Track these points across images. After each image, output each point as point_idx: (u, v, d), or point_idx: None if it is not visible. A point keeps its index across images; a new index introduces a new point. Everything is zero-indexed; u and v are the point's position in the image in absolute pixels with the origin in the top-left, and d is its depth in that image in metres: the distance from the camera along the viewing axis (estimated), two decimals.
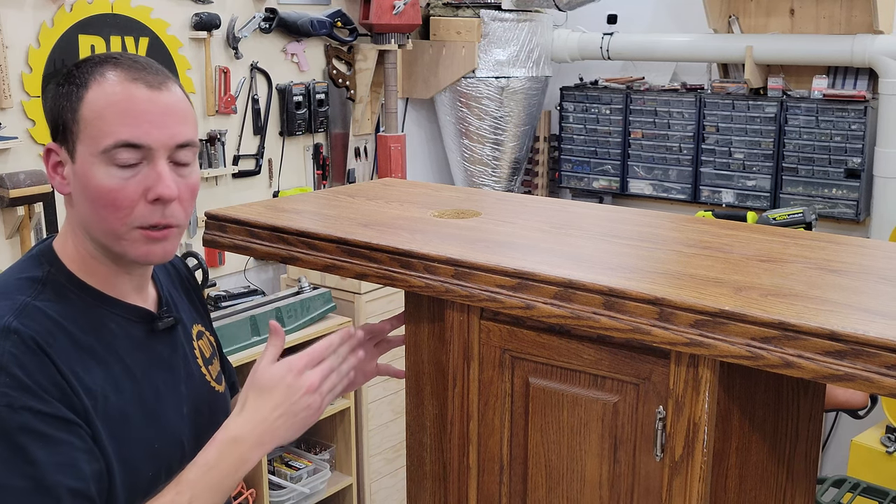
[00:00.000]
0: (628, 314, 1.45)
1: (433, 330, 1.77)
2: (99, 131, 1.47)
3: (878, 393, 1.26)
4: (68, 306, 1.51)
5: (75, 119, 1.49)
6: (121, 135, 1.47)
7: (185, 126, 1.53)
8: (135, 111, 1.48)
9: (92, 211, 1.51)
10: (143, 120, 1.48)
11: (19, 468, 1.36)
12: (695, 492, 1.48)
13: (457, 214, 1.95)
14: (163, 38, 3.99)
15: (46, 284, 1.52)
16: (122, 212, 1.49)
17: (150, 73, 1.52)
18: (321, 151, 4.79)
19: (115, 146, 1.47)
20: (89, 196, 1.50)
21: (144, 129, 1.48)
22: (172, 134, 1.51)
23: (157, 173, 1.49)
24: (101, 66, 1.51)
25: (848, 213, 4.57)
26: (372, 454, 4.55)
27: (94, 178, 1.48)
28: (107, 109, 1.47)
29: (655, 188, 5.16)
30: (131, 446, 1.51)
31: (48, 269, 1.55)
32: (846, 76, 4.66)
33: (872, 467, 4.09)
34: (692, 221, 1.96)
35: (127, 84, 1.49)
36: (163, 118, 1.50)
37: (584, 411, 1.60)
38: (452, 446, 1.76)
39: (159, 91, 1.51)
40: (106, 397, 1.49)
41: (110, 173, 1.47)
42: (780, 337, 1.32)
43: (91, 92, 1.49)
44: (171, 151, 1.51)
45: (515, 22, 5.06)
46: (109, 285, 1.57)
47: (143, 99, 1.49)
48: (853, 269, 1.59)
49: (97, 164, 1.47)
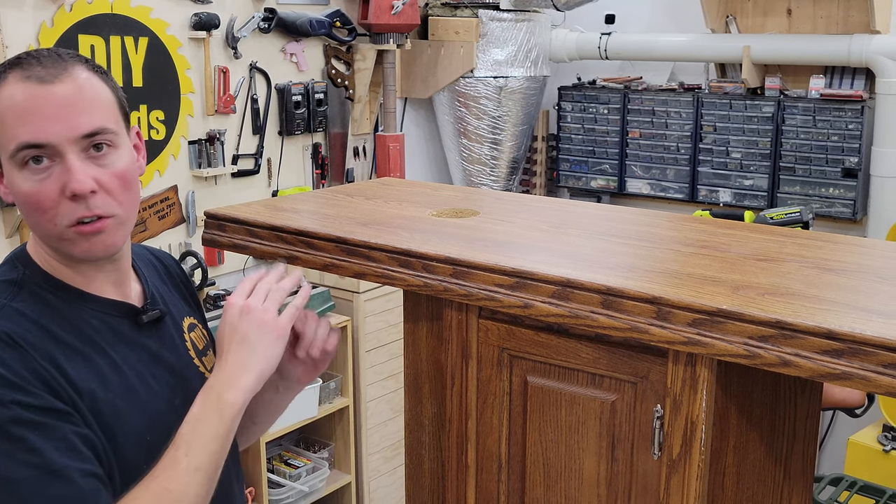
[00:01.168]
0: (626, 313, 1.45)
1: (432, 329, 1.78)
2: (4, 137, 1.44)
3: (875, 391, 1.27)
4: (46, 306, 1.50)
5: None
6: (21, 136, 1.42)
7: (87, 115, 1.46)
8: (28, 110, 1.43)
9: (26, 217, 1.49)
10: (38, 116, 1.43)
11: (22, 459, 1.36)
12: (692, 490, 1.49)
13: (455, 214, 1.95)
14: (162, 38, 3.99)
15: (23, 286, 1.51)
16: (47, 214, 1.45)
17: (45, 66, 1.45)
18: (320, 151, 4.79)
19: (18, 149, 1.43)
20: (19, 203, 1.48)
21: (41, 126, 1.42)
22: (73, 126, 1.44)
23: (66, 169, 1.44)
24: (4, 70, 1.47)
25: (845, 212, 4.57)
26: (371, 452, 4.56)
27: (15, 184, 1.46)
28: (6, 113, 1.43)
29: (653, 187, 5.17)
30: (123, 440, 1.50)
31: (23, 271, 1.53)
32: (843, 76, 4.67)
33: (869, 466, 4.10)
34: (690, 221, 1.96)
35: (20, 84, 1.44)
36: (58, 112, 1.44)
37: (582, 410, 1.60)
38: (451, 445, 1.77)
39: (52, 84, 1.44)
40: (92, 392, 1.47)
41: (25, 177, 1.44)
42: (777, 336, 1.32)
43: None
44: (80, 143, 1.46)
45: (514, 22, 5.07)
46: (84, 283, 1.56)
47: (36, 95, 1.43)
48: (850, 268, 1.59)
49: (14, 170, 1.45)
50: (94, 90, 1.49)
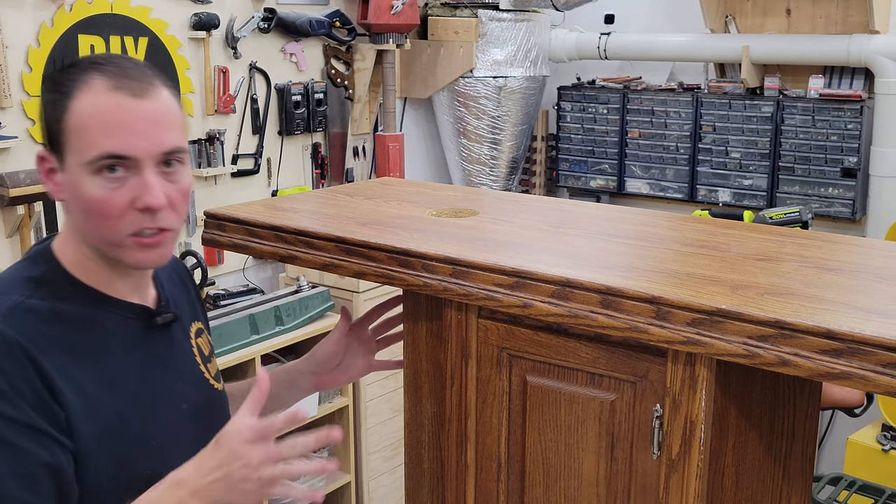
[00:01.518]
0: (625, 313, 1.45)
1: (431, 328, 1.78)
2: (84, 142, 1.45)
3: (874, 391, 1.27)
4: (63, 304, 1.51)
5: (61, 129, 1.48)
6: (105, 146, 1.45)
7: (170, 133, 1.50)
8: (119, 121, 1.46)
9: (84, 219, 1.50)
10: (127, 130, 1.46)
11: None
12: (692, 490, 1.49)
13: (455, 213, 1.95)
14: (162, 38, 3.99)
15: (42, 283, 1.52)
16: (111, 221, 1.47)
17: (134, 79, 1.49)
18: (320, 151, 4.80)
19: (100, 158, 1.45)
20: (80, 206, 1.49)
21: (129, 140, 1.46)
22: (158, 142, 1.48)
23: (144, 183, 1.47)
24: (85, 73, 1.49)
25: (844, 212, 4.58)
26: (370, 452, 4.56)
27: (83, 188, 1.47)
28: (90, 120, 1.46)
29: (652, 187, 5.17)
30: (126, 443, 1.51)
31: (45, 268, 1.54)
32: (842, 76, 4.67)
33: (868, 465, 4.10)
34: (689, 220, 1.97)
35: (110, 93, 1.46)
36: (147, 127, 1.47)
37: (582, 409, 1.60)
38: (450, 444, 1.77)
39: (143, 99, 1.48)
40: (98, 395, 1.48)
41: (98, 184, 1.46)
42: (776, 335, 1.32)
43: (76, 101, 1.47)
44: (158, 159, 1.49)
45: (513, 22, 5.07)
46: (107, 285, 1.56)
47: (127, 108, 1.46)
48: (849, 267, 1.59)
49: (85, 174, 1.46)
50: (175, 110, 1.54)
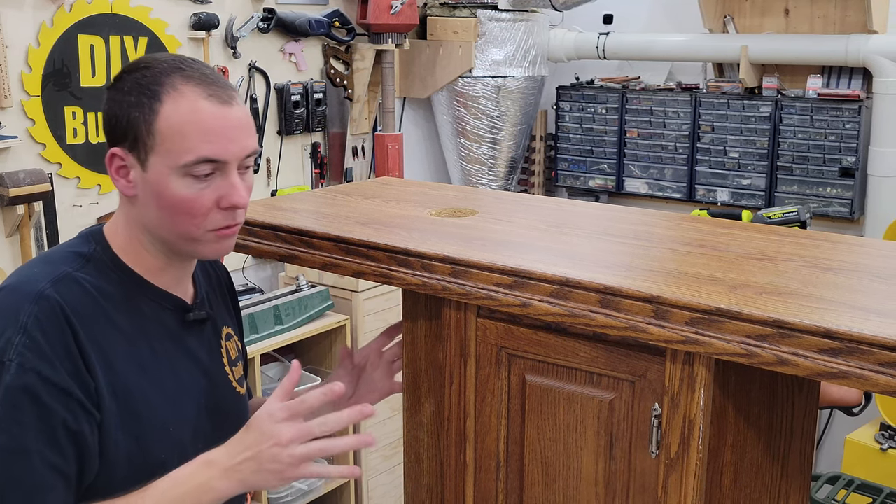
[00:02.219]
0: (624, 312, 1.46)
1: (430, 328, 1.78)
2: (178, 146, 1.53)
3: (873, 390, 1.28)
4: (107, 284, 1.58)
5: (150, 131, 1.54)
6: (201, 151, 1.53)
7: (251, 138, 1.61)
8: (213, 128, 1.54)
9: (165, 216, 1.57)
10: (220, 136, 1.55)
11: (7, 426, 1.43)
12: (690, 488, 1.49)
13: (454, 213, 1.96)
14: (161, 38, 3.99)
15: (90, 261, 1.59)
16: (197, 219, 1.56)
17: (219, 86, 1.58)
18: (319, 150, 4.80)
19: (196, 162, 1.53)
20: (164, 204, 1.56)
21: (223, 146, 1.55)
22: (244, 147, 1.58)
23: (230, 184, 1.57)
24: (170, 77, 1.56)
25: (842, 211, 4.58)
26: (369, 451, 4.55)
27: (170, 188, 1.54)
28: (187, 126, 1.53)
29: (651, 187, 5.17)
30: (147, 425, 1.56)
31: (95, 247, 1.61)
32: (840, 76, 4.68)
33: (867, 464, 4.11)
34: (687, 220, 1.97)
35: (204, 101, 1.55)
36: (236, 133, 1.57)
37: (581, 408, 1.61)
38: (449, 443, 1.77)
39: (230, 106, 1.57)
40: (127, 375, 1.54)
41: (187, 184, 1.54)
42: (774, 335, 1.33)
43: (166, 106, 1.53)
44: (242, 162, 1.59)
45: (512, 22, 5.07)
46: (151, 273, 1.64)
47: (220, 115, 1.55)
48: (847, 267, 1.60)
49: (174, 174, 1.54)
50: (250, 115, 1.67)
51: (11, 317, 1.47)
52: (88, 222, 3.82)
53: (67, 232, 3.74)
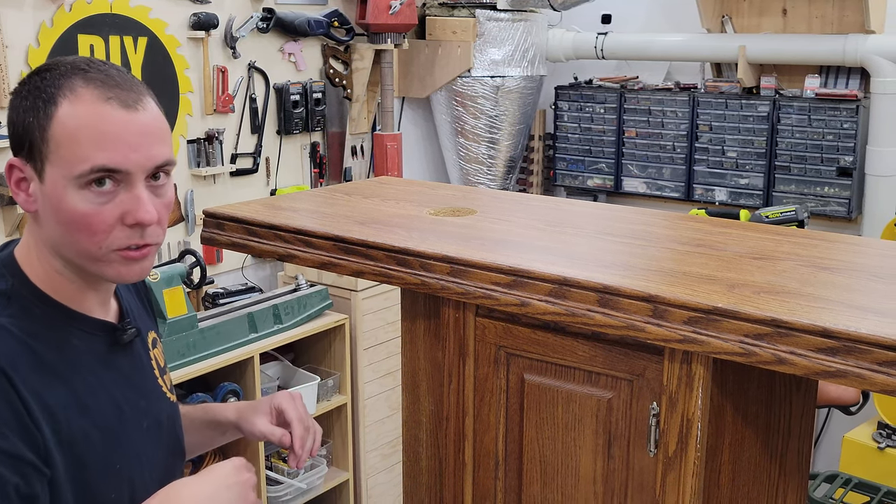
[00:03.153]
0: (622, 311, 1.46)
1: (429, 327, 1.78)
2: (72, 155, 1.37)
3: (870, 389, 1.28)
4: (33, 322, 1.43)
5: (44, 138, 1.39)
6: (97, 160, 1.37)
7: (162, 146, 1.44)
8: (111, 134, 1.38)
9: (64, 233, 1.42)
10: (120, 143, 1.38)
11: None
12: (688, 487, 1.49)
13: (452, 212, 1.96)
14: (161, 38, 4.00)
15: (11, 298, 1.43)
16: (98, 236, 1.40)
17: (123, 89, 1.41)
18: (318, 150, 4.80)
19: (92, 171, 1.37)
20: (62, 219, 1.40)
21: (122, 154, 1.39)
22: (150, 156, 1.41)
23: (135, 197, 1.41)
24: (69, 79, 1.40)
25: (840, 211, 4.59)
26: (368, 450, 4.56)
27: (67, 201, 1.39)
28: (81, 132, 1.37)
29: (649, 186, 5.18)
30: (93, 469, 1.46)
31: (12, 281, 1.46)
32: (838, 75, 4.68)
33: (864, 463, 4.11)
34: (686, 219, 1.97)
35: (101, 104, 1.39)
36: (140, 140, 1.40)
37: (579, 407, 1.61)
38: (448, 442, 1.77)
39: (135, 111, 1.41)
40: (68, 419, 1.42)
41: (85, 198, 1.38)
42: (772, 334, 1.33)
43: (61, 109, 1.38)
44: (149, 173, 1.42)
45: (510, 22, 5.08)
46: (74, 300, 1.49)
47: (119, 121, 1.39)
48: (845, 266, 1.60)
49: (70, 187, 1.38)
50: (164, 121, 1.47)
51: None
52: None
53: None
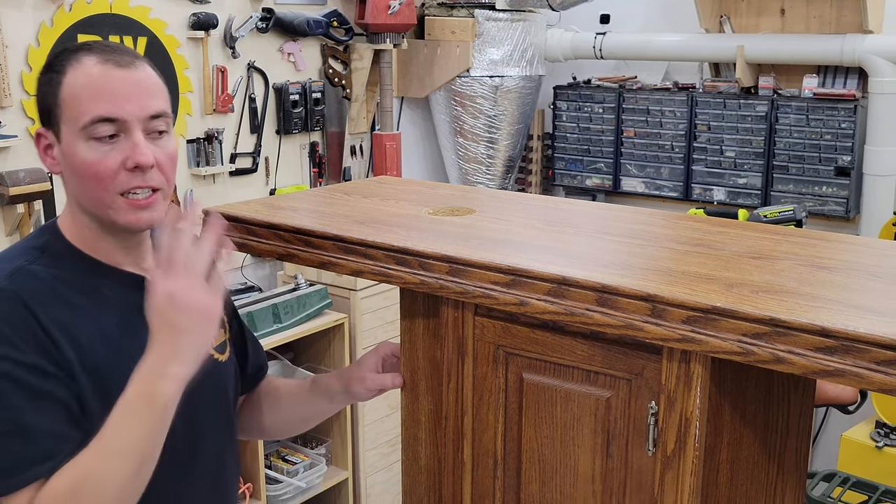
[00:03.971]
0: (621, 311, 1.46)
1: (428, 326, 1.79)
2: (77, 111, 1.57)
3: (868, 388, 1.28)
4: (63, 270, 1.61)
5: (56, 102, 1.60)
6: (96, 111, 1.56)
7: (155, 99, 1.63)
8: (108, 88, 1.58)
9: (79, 184, 1.61)
10: (115, 95, 1.58)
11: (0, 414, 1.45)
12: (686, 486, 1.50)
13: (451, 212, 1.96)
14: (161, 38, 4.00)
15: (45, 251, 1.63)
16: (105, 181, 1.58)
17: (120, 54, 1.62)
18: (317, 149, 4.80)
19: (93, 122, 1.56)
20: (75, 171, 1.60)
21: (118, 104, 1.57)
22: (144, 106, 1.60)
23: (133, 143, 1.58)
24: (76, 53, 1.61)
25: (838, 210, 4.59)
26: (367, 449, 4.56)
27: (78, 153, 1.58)
28: (83, 90, 1.58)
29: (648, 186, 5.18)
30: (114, 398, 1.51)
31: (47, 237, 1.66)
32: (836, 75, 4.69)
33: (862, 462, 4.12)
34: (684, 219, 1.97)
35: (99, 65, 1.59)
36: (134, 91, 1.60)
37: (578, 406, 1.61)
38: (447, 441, 1.78)
39: (129, 69, 1.61)
40: (93, 349, 1.55)
41: (91, 147, 1.57)
42: (770, 333, 1.33)
43: (68, 76, 1.59)
44: (145, 122, 1.60)
45: (509, 22, 5.08)
46: (105, 255, 1.66)
47: (115, 77, 1.59)
48: (843, 265, 1.60)
49: (79, 140, 1.58)
50: (158, 80, 1.67)
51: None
52: None
53: None
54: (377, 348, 1.98)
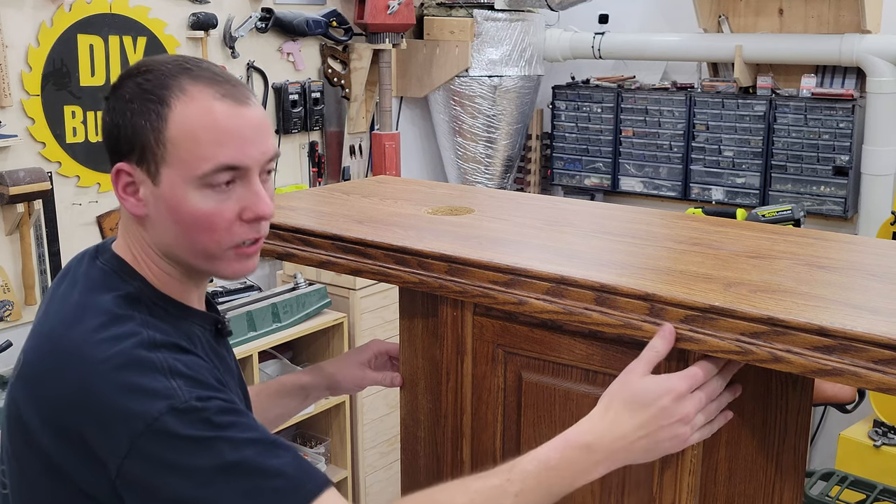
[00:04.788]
0: (619, 310, 1.46)
1: (427, 325, 1.79)
2: (193, 155, 1.39)
3: (866, 387, 1.27)
4: (161, 321, 1.44)
5: (159, 140, 1.39)
6: (220, 158, 1.39)
7: (272, 139, 1.48)
8: (231, 131, 1.40)
9: (181, 233, 1.43)
10: (239, 140, 1.41)
11: (242, 439, 1.32)
12: (685, 485, 1.50)
13: (450, 211, 1.96)
14: (160, 38, 4.01)
15: (141, 301, 1.45)
16: (218, 234, 1.43)
17: (232, 85, 1.44)
18: (317, 149, 4.81)
19: (215, 171, 1.39)
20: (181, 220, 1.42)
21: (244, 151, 1.41)
22: (265, 150, 1.45)
23: (254, 193, 1.44)
24: (177, 79, 1.40)
25: (836, 210, 4.60)
26: (367, 448, 4.57)
27: (188, 202, 1.40)
28: (199, 131, 1.39)
29: (646, 185, 5.19)
30: None
31: (136, 285, 1.47)
32: (834, 75, 4.69)
33: (860, 461, 4.12)
34: (682, 218, 1.97)
35: (215, 101, 1.40)
36: (255, 134, 1.43)
37: (576, 406, 1.61)
38: (446, 440, 1.77)
39: (247, 106, 1.43)
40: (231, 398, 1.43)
41: (206, 196, 1.40)
42: (769, 332, 1.33)
43: (176, 110, 1.39)
44: (264, 167, 1.47)
45: (508, 21, 5.08)
46: (185, 298, 1.52)
47: (235, 116, 1.41)
48: (841, 265, 1.60)
49: (190, 187, 1.40)
50: (266, 116, 1.51)
51: (147, 371, 1.33)
52: (88, 221, 3.83)
53: (67, 230, 3.76)
54: (368, 345, 1.97)
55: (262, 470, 1.31)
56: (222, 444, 1.31)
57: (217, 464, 1.29)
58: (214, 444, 1.30)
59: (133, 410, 1.30)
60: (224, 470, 1.29)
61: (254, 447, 1.32)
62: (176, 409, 1.30)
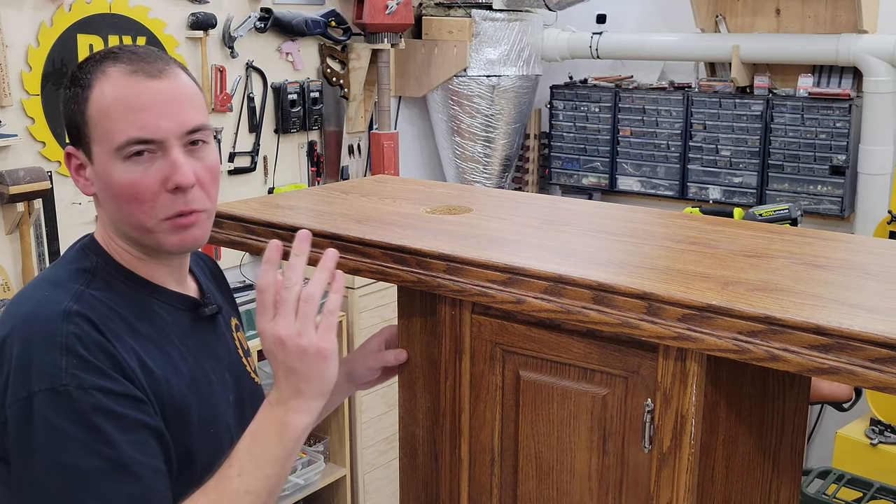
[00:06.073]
0: (617, 308, 1.46)
1: (425, 324, 1.79)
2: (108, 130, 1.46)
3: (863, 386, 1.28)
4: (119, 295, 1.51)
5: (84, 121, 1.49)
6: (129, 132, 1.45)
7: (192, 111, 1.51)
8: (139, 104, 1.46)
9: (117, 208, 1.50)
10: (149, 112, 1.46)
11: (96, 449, 1.35)
12: (682, 483, 1.50)
13: (449, 211, 1.96)
14: (160, 38, 4.01)
15: (96, 274, 1.52)
16: (145, 205, 1.48)
17: (148, 61, 1.49)
18: (315, 149, 4.81)
19: (127, 143, 1.45)
20: (112, 194, 1.49)
21: (152, 122, 1.46)
22: (181, 122, 1.49)
23: (171, 162, 1.47)
24: (100, 64, 1.49)
25: (833, 209, 4.60)
26: (365, 446, 4.57)
27: (113, 175, 1.47)
28: (112, 107, 1.46)
29: (644, 185, 5.19)
30: (191, 432, 1.51)
31: (95, 259, 1.54)
32: (831, 75, 4.70)
33: (857, 459, 4.13)
34: (680, 217, 1.97)
35: (127, 78, 1.47)
36: (168, 106, 1.48)
37: (574, 404, 1.61)
38: (444, 438, 1.78)
39: (160, 79, 1.48)
40: (167, 380, 1.48)
41: (127, 169, 1.46)
42: (766, 331, 1.33)
43: (94, 91, 1.47)
44: (183, 138, 1.49)
45: (506, 21, 5.09)
46: (152, 275, 1.57)
47: (145, 90, 1.47)
48: (838, 264, 1.60)
49: (113, 161, 1.47)
50: (193, 88, 1.55)
51: (48, 342, 1.39)
52: (88, 220, 3.83)
53: (67, 230, 3.76)
54: (381, 331, 1.97)
55: (93, 489, 1.35)
56: (75, 446, 1.35)
57: (59, 461, 1.35)
58: (67, 442, 1.35)
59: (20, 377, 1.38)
60: (62, 470, 1.35)
61: (102, 462, 1.36)
62: (54, 390, 1.36)
